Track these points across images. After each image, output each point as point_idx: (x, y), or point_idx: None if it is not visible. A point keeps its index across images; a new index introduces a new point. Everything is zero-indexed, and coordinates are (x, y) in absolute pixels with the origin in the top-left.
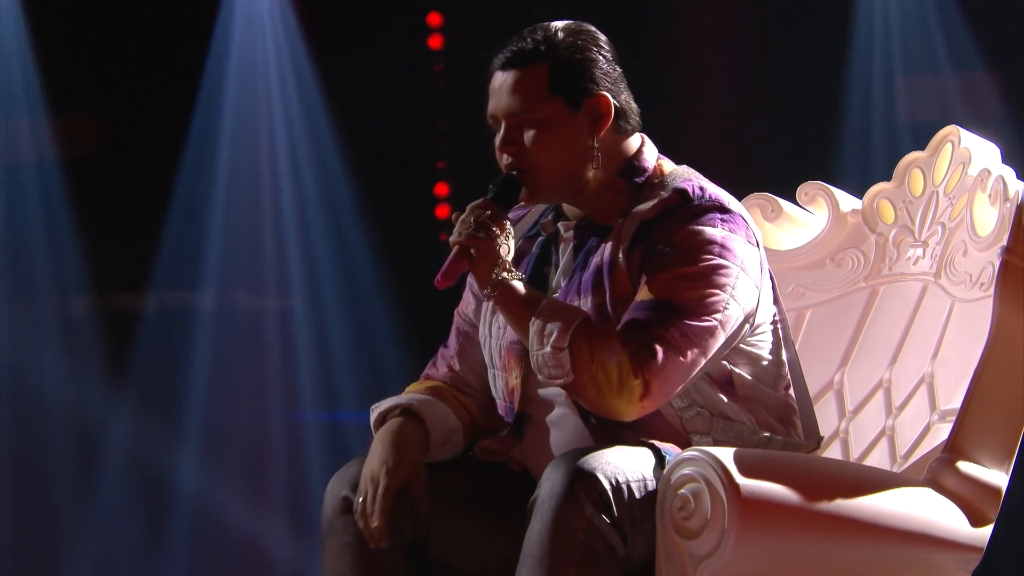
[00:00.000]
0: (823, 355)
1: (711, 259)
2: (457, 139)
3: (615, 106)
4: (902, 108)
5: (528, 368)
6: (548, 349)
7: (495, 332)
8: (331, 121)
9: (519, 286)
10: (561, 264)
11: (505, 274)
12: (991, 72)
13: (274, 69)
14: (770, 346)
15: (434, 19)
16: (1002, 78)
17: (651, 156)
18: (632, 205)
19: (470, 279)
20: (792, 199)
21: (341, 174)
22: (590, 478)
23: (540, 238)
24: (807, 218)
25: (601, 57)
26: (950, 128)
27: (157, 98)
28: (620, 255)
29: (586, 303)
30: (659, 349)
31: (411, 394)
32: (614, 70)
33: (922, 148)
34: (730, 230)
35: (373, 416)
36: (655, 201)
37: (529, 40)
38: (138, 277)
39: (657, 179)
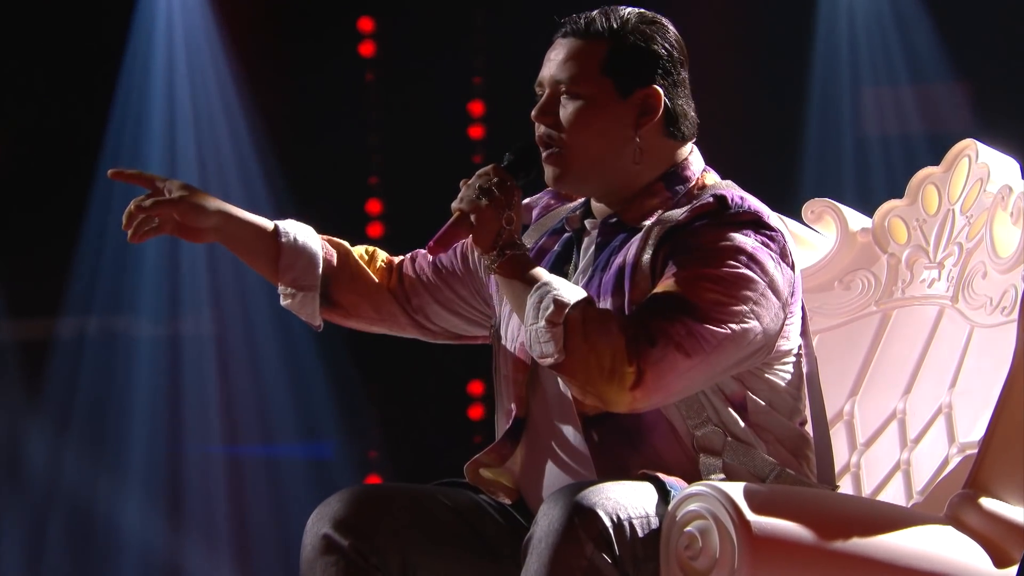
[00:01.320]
0: (832, 384)
1: (737, 267)
2: (391, 154)
3: (666, 104)
4: (867, 121)
5: (534, 375)
6: (542, 323)
7: (511, 334)
8: (255, 135)
9: (522, 259)
10: (581, 263)
11: (509, 247)
12: (961, 83)
13: (194, 80)
14: (790, 377)
15: (365, 24)
16: (973, 89)
17: (697, 166)
18: (666, 211)
19: (474, 258)
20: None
21: (266, 192)
22: (590, 515)
23: (565, 235)
24: (813, 237)
25: (667, 53)
26: (966, 142)
27: (69, 114)
28: (644, 258)
29: (605, 305)
30: (660, 340)
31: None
32: (678, 71)
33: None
34: (763, 243)
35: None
36: (689, 206)
37: (598, 17)
38: (50, 303)
39: (698, 190)
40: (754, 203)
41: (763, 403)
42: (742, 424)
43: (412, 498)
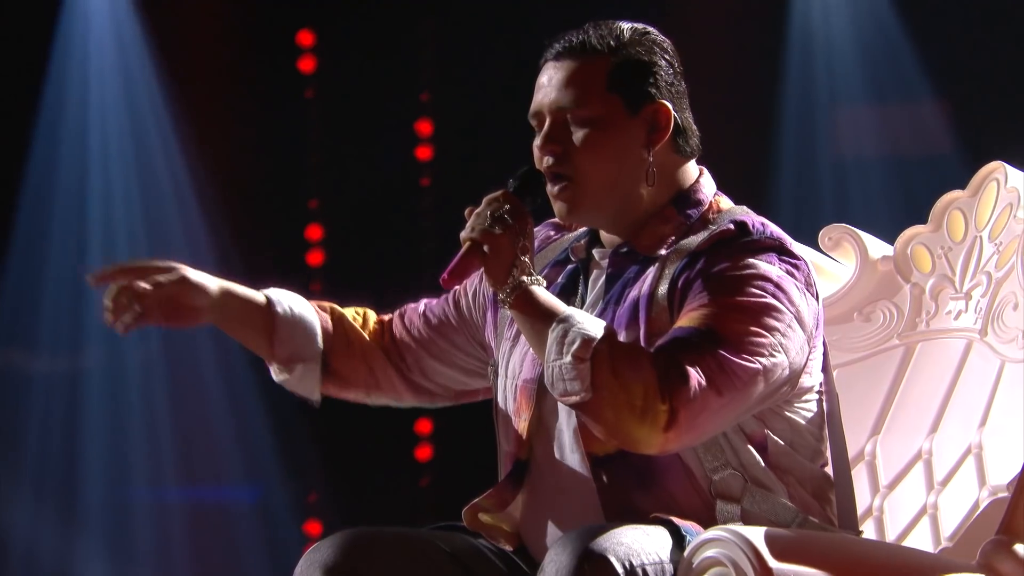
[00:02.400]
0: (852, 423)
1: (763, 297)
2: (332, 176)
3: (675, 120)
4: (842, 141)
5: (537, 413)
6: (568, 359)
7: (511, 370)
8: (187, 155)
9: (539, 291)
10: (590, 295)
11: (524, 277)
12: (938, 102)
13: (123, 98)
14: (812, 416)
15: (305, 38)
16: (950, 108)
17: (709, 189)
18: (681, 238)
19: (468, 289)
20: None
21: (198, 217)
22: (600, 561)
23: (569, 266)
24: (831, 266)
25: (667, 64)
26: (994, 164)
27: None
28: (661, 289)
29: (622, 336)
30: (693, 376)
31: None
32: (679, 83)
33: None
34: (788, 272)
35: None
36: (708, 233)
37: (592, 33)
38: None
39: (713, 215)
40: (776, 230)
41: (783, 443)
42: (763, 464)
43: (406, 542)
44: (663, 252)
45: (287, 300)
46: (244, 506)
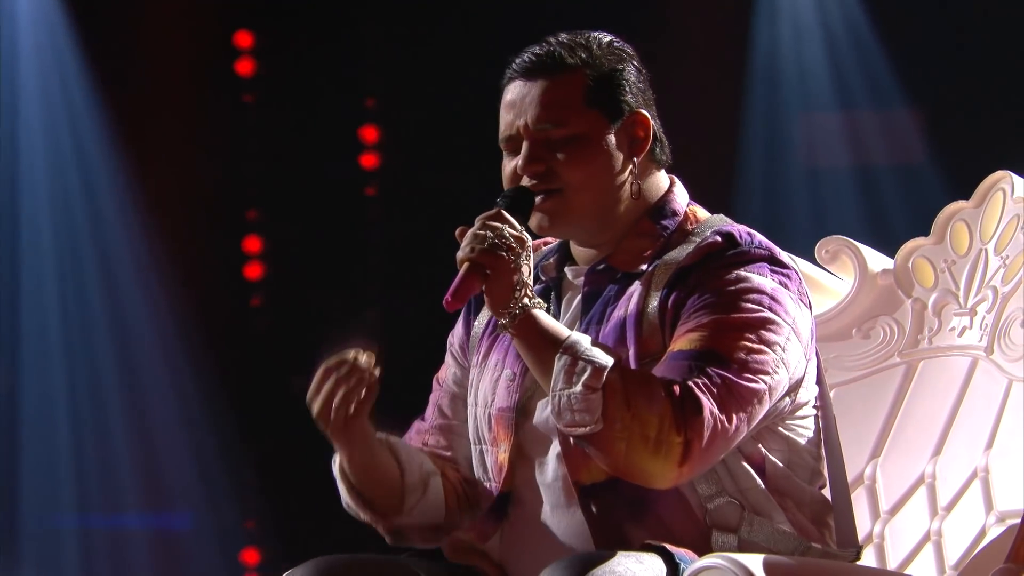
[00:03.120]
0: (851, 445)
1: (760, 311)
2: (272, 185)
3: (653, 129)
4: (811, 152)
5: (517, 442)
6: (579, 388)
7: (482, 399)
8: (118, 162)
9: (542, 315)
10: (565, 317)
11: (527, 300)
12: (911, 111)
13: (44, 103)
14: (811, 434)
15: (243, 39)
16: (924, 117)
17: (683, 199)
18: (660, 252)
19: (451, 339)
20: None
21: (127, 229)
22: None
23: (537, 286)
24: (828, 280)
25: (636, 71)
26: (1000, 174)
27: None
28: (651, 306)
29: None
30: (706, 405)
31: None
32: (649, 90)
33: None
34: (781, 283)
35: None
36: (694, 246)
37: (558, 47)
38: None
39: (691, 225)
40: (763, 239)
41: (781, 464)
42: (762, 487)
43: (383, 569)
44: (644, 268)
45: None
46: (179, 533)
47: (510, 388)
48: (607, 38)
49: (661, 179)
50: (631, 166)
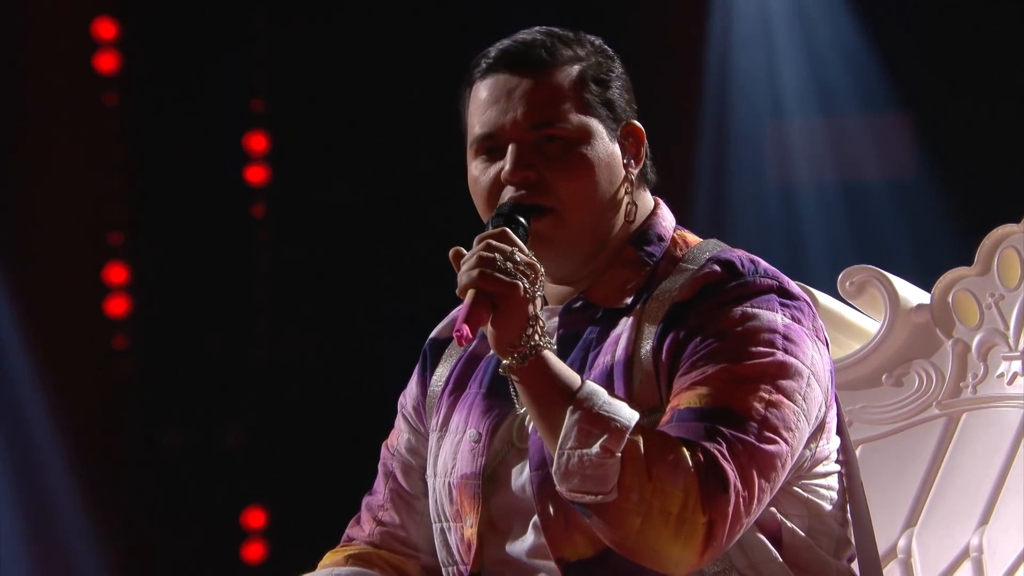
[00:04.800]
0: (881, 511)
1: (773, 354)
2: (139, 204)
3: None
4: (785, 163)
5: (486, 515)
6: (595, 450)
7: (441, 467)
8: None
9: (553, 358)
10: None
11: (538, 338)
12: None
13: None
14: (835, 496)
15: (105, 29)
16: (912, 122)
17: (669, 222)
18: (648, 284)
19: (403, 400)
20: None
21: None
22: None
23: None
24: (855, 317)
25: (625, 77)
26: None
27: None
28: (644, 349)
29: None
30: (730, 477)
31: (327, 569)
32: (636, 102)
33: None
34: (794, 318)
35: None
36: (688, 277)
37: (548, 38)
38: None
39: (681, 252)
40: (767, 266)
41: (802, 533)
42: (779, 560)
43: None
44: (629, 302)
45: None
46: None
47: (475, 451)
48: (593, 37)
49: (648, 200)
50: (627, 184)
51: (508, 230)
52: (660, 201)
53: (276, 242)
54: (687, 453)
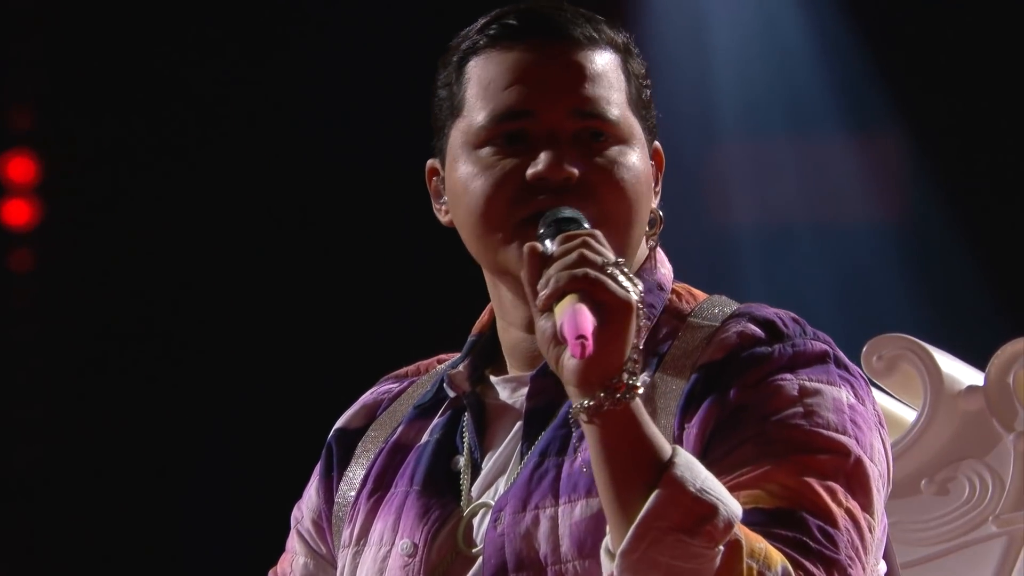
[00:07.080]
0: None
1: (843, 441)
2: None
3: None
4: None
5: None
6: (696, 536)
7: (366, 568)
8: None
9: (639, 408)
10: (496, 453)
11: (635, 378)
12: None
13: None
14: None
15: None
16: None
17: (668, 270)
18: (652, 344)
19: (298, 514)
20: None
21: None
22: None
23: (440, 414)
24: (885, 402)
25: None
26: None
27: None
28: (658, 425)
29: (578, 508)
30: None
31: None
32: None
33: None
34: (857, 397)
35: None
36: (706, 335)
37: (588, 20)
38: None
39: (688, 304)
40: (808, 326)
41: None
42: None
43: None
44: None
45: None
46: None
47: (409, 567)
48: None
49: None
50: (648, 216)
51: (600, 234)
52: (656, 245)
53: (44, 303)
54: (784, 551)
